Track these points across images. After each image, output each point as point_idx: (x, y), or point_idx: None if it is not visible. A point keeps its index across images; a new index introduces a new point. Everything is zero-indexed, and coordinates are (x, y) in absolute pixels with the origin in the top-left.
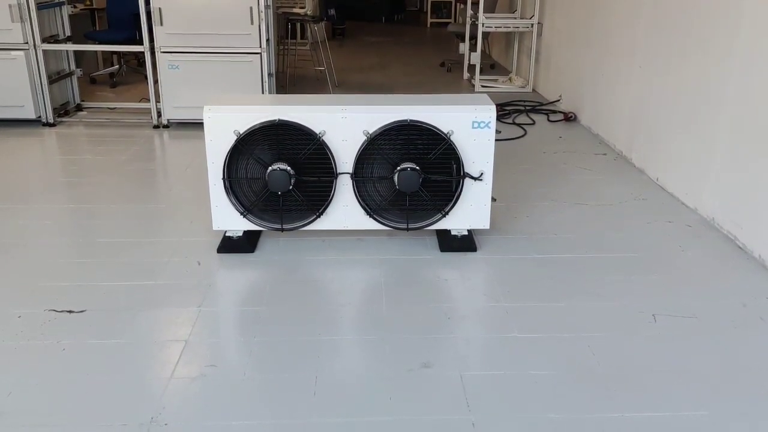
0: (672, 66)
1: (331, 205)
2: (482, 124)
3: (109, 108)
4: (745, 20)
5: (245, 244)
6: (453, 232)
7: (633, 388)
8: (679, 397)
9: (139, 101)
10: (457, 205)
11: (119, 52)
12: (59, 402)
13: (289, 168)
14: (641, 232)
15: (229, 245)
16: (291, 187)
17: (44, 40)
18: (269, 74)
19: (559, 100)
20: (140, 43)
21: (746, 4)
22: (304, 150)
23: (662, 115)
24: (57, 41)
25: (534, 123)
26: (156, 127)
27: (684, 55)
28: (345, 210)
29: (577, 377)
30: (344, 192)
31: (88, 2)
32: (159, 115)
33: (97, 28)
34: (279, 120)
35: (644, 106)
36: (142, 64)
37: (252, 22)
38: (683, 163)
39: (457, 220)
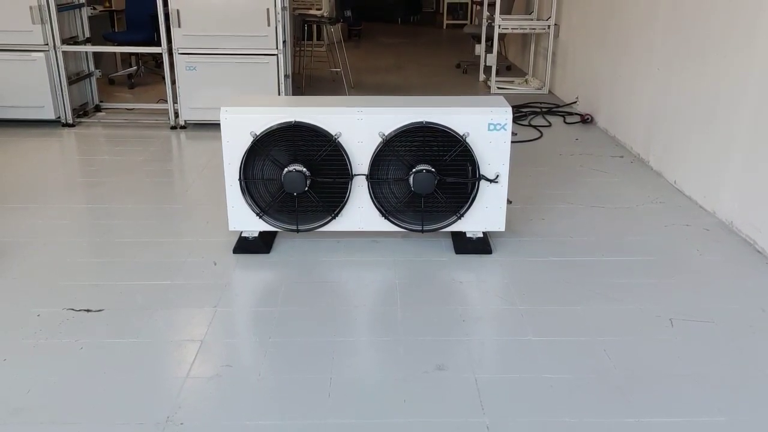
0: (690, 67)
1: (346, 206)
2: (498, 126)
3: (127, 109)
4: (765, 20)
5: (261, 244)
6: (468, 234)
7: (649, 392)
8: (695, 402)
9: (157, 102)
10: (472, 207)
11: (137, 53)
12: (76, 400)
13: (304, 169)
14: (658, 236)
15: (245, 246)
16: (306, 189)
17: (64, 42)
18: (285, 75)
19: (575, 102)
20: (158, 44)
21: (766, 4)
22: (319, 151)
23: (680, 117)
24: (76, 43)
25: (550, 125)
26: (173, 127)
27: (702, 56)
28: (360, 211)
29: (592, 381)
30: (359, 193)
31: (107, 4)
32: (176, 115)
33: (116, 30)
34: (295, 121)
35: (662, 108)
36: (160, 65)
37: (269, 24)
38: (701, 165)
39: (472, 223)
